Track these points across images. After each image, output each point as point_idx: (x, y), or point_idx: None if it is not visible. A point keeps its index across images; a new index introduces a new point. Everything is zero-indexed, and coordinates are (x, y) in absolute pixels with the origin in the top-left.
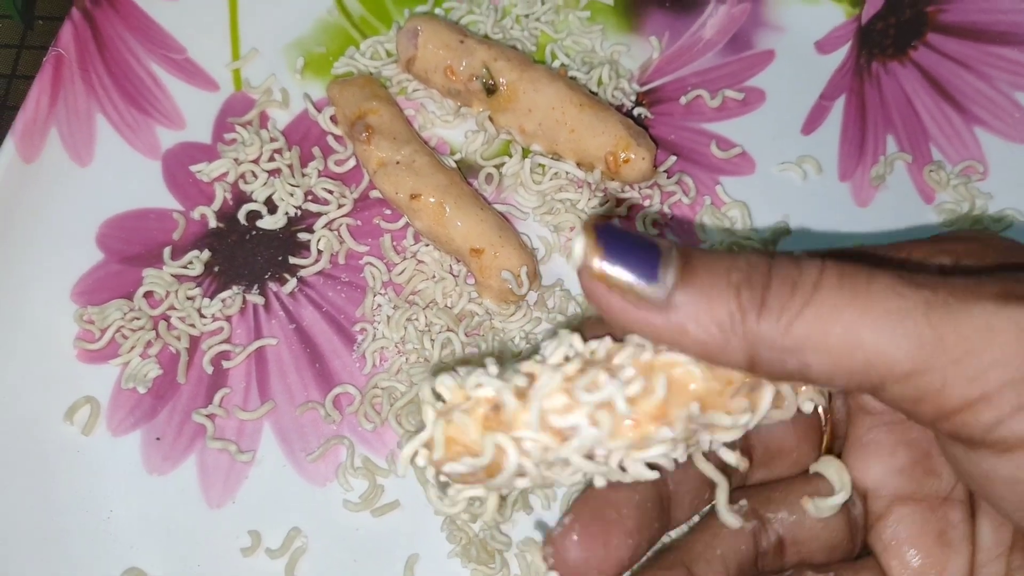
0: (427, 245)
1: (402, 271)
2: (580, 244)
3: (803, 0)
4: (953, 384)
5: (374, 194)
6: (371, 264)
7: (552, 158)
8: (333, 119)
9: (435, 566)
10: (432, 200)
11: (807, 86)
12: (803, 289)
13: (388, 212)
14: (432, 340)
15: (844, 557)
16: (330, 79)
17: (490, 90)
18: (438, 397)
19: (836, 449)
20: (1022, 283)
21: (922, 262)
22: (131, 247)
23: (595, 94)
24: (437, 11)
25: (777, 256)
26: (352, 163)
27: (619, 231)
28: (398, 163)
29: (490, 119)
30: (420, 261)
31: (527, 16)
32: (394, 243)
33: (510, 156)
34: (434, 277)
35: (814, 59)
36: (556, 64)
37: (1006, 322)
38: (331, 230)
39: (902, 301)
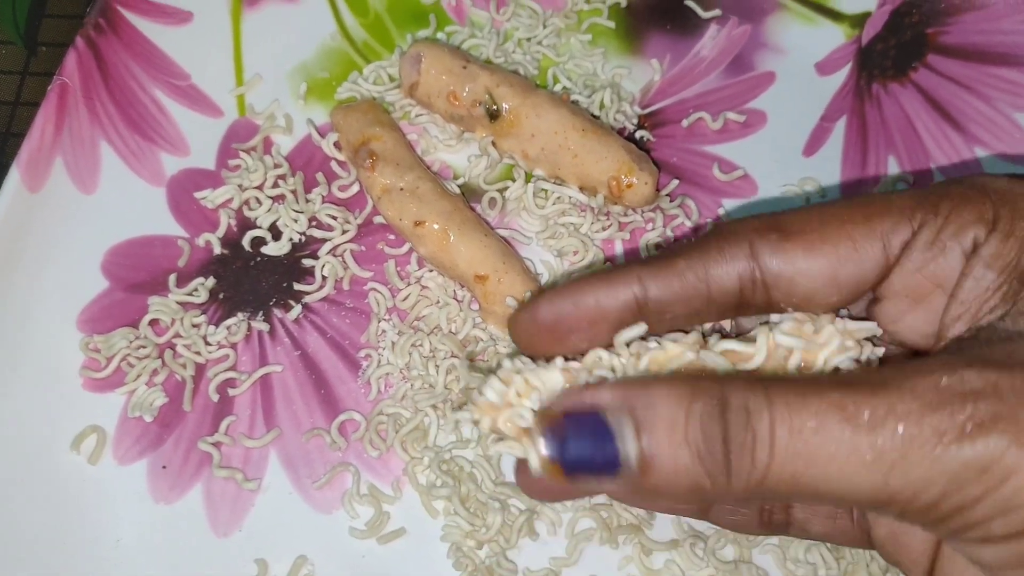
0: (431, 271)
1: (406, 296)
2: (535, 463)
3: (803, 22)
4: (913, 519)
5: (378, 219)
6: (375, 290)
7: (555, 183)
8: (337, 145)
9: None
10: (436, 227)
11: (808, 108)
12: (760, 457)
13: (392, 237)
14: (437, 366)
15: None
16: (334, 104)
17: (493, 116)
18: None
19: None
20: (965, 403)
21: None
22: (136, 275)
23: (597, 118)
24: (439, 35)
25: (728, 411)
26: (356, 188)
27: (567, 439)
28: (402, 190)
29: (493, 144)
30: (424, 287)
31: (529, 40)
32: (398, 268)
33: (513, 180)
34: (438, 303)
35: (815, 81)
36: (558, 87)
37: (941, 474)
38: (335, 256)
39: (853, 455)
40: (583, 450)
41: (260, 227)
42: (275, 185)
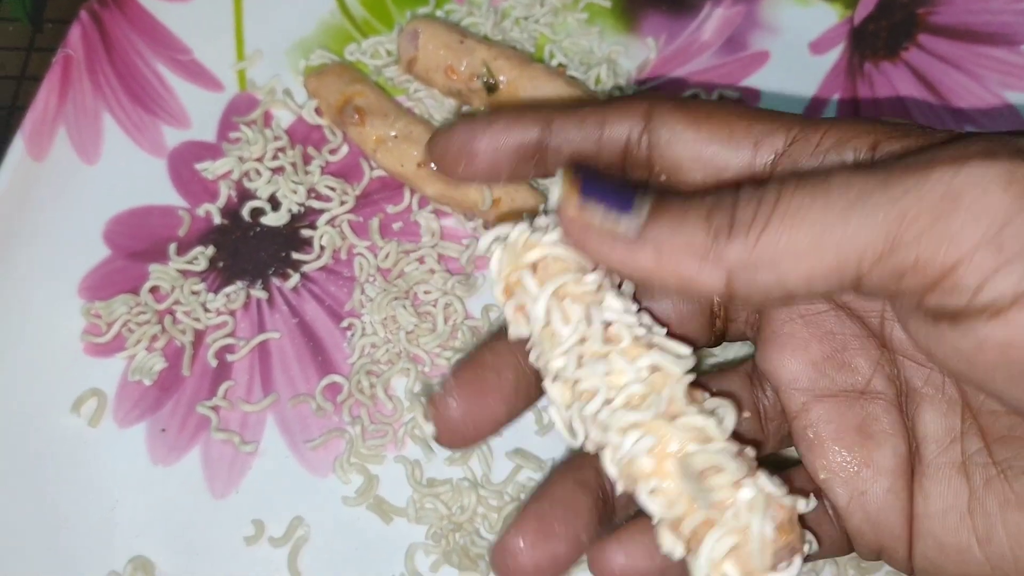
0: (432, 211)
1: (387, 255)
2: (558, 184)
3: (797, 2)
4: (926, 254)
5: (375, 190)
6: (361, 254)
7: None
8: (318, 111)
9: (435, 556)
10: None
11: (801, 86)
12: (767, 203)
13: (390, 210)
14: (433, 306)
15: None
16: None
17: (490, 88)
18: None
19: (729, 335)
20: (972, 143)
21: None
22: (137, 243)
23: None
24: (438, 13)
25: (745, 184)
26: (346, 150)
27: (597, 171)
28: (395, 137)
29: None
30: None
31: (526, 18)
32: (381, 225)
33: None
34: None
35: (808, 60)
36: (554, 63)
37: (967, 183)
38: (333, 227)
39: (860, 187)
40: (603, 183)
41: (259, 198)
42: (275, 157)
